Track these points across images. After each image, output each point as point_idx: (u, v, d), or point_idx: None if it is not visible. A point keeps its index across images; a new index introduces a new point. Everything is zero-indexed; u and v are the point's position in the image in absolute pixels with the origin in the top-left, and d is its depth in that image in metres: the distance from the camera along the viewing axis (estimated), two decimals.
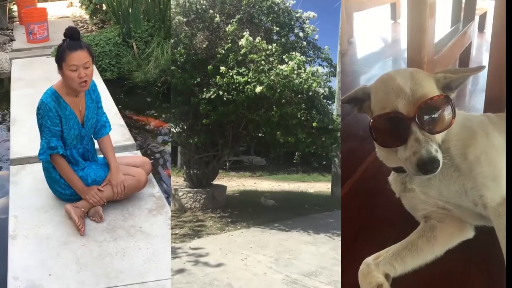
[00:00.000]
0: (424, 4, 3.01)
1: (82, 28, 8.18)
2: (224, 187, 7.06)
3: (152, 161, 4.08)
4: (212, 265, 3.93)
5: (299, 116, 5.29)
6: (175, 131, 5.82)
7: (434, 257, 1.94)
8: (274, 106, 5.21)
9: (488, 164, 1.95)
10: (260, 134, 6.32)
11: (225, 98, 5.16)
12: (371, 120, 1.99)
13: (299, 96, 5.30)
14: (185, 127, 5.90)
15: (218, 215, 5.92)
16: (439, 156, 1.88)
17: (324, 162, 13.47)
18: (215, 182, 6.76)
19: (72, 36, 3.18)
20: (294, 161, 14.09)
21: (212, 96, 5.18)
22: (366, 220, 2.22)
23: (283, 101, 5.20)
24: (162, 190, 3.71)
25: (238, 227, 5.45)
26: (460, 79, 2.04)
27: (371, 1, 6.52)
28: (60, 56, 3.15)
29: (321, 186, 10.48)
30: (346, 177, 2.61)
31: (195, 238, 4.82)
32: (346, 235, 2.15)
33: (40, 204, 3.43)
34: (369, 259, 1.89)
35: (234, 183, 10.49)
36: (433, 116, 1.93)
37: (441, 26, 3.12)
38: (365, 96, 2.14)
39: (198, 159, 6.05)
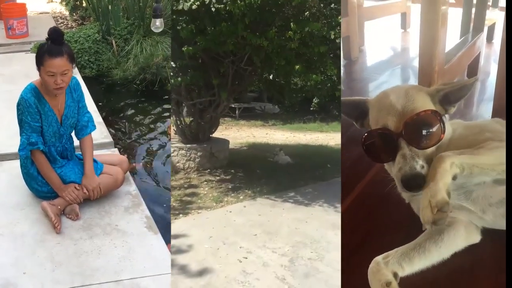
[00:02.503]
0: (437, 14, 3.08)
1: (62, 25, 8.14)
2: (226, 142, 6.16)
3: None
4: (191, 273, 3.29)
5: (331, 36, 3.96)
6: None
7: (441, 259, 1.98)
8: (291, 22, 3.74)
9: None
10: (270, 74, 5.06)
11: (213, 9, 3.58)
12: (363, 136, 2.06)
13: (332, 6, 3.96)
14: (173, 64, 4.75)
15: (217, 177, 5.24)
16: (426, 172, 1.93)
17: None
18: (217, 135, 5.91)
19: (55, 40, 3.14)
20: (311, 108, 13.38)
21: (194, 7, 3.56)
22: (366, 237, 2.22)
23: (307, 13, 3.75)
24: None
25: (241, 197, 4.80)
26: (455, 91, 2.08)
27: (382, 11, 6.69)
28: (40, 59, 3.13)
29: (299, 135, 9.76)
30: (347, 192, 2.54)
31: (180, 215, 4.22)
32: (345, 251, 2.15)
33: (16, 201, 3.42)
34: (378, 258, 1.92)
35: (243, 133, 9.69)
36: (420, 131, 1.98)
37: (451, 36, 3.17)
38: (365, 111, 2.21)
39: (190, 106, 5.10)
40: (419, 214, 2.06)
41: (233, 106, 12.83)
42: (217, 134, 6.17)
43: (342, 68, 5.47)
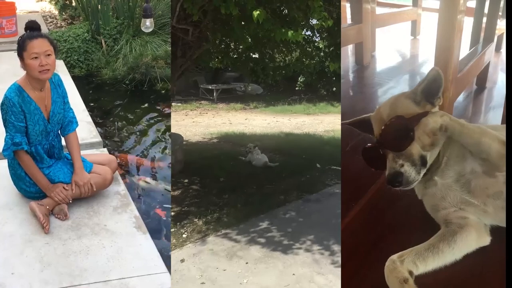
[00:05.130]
0: (453, 24, 3.12)
1: (51, 24, 8.10)
2: (179, 138, 5.21)
3: None
4: None
5: None
6: None
7: (453, 260, 2.04)
8: None
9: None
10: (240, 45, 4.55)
11: None
12: (362, 151, 2.31)
13: None
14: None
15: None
16: (406, 170, 2.13)
17: (334, 88, 11.41)
18: (188, 122, 5.60)
19: (32, 28, 3.19)
20: (297, 88, 12.50)
21: None
22: (366, 256, 2.23)
23: None
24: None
25: (184, 235, 3.67)
26: (429, 84, 2.21)
27: (394, 18, 6.86)
28: (21, 46, 3.14)
29: (331, 120, 8.64)
30: (346, 210, 2.53)
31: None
32: (345, 272, 2.17)
33: (4, 201, 3.41)
34: (394, 257, 1.98)
35: (219, 119, 8.66)
36: (392, 137, 2.17)
37: (461, 45, 3.26)
38: (371, 127, 2.39)
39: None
40: (431, 212, 2.28)
41: (210, 87, 12.41)
42: (188, 121, 5.68)
43: (351, 74, 5.55)
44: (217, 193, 4.56)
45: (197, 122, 7.99)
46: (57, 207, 3.28)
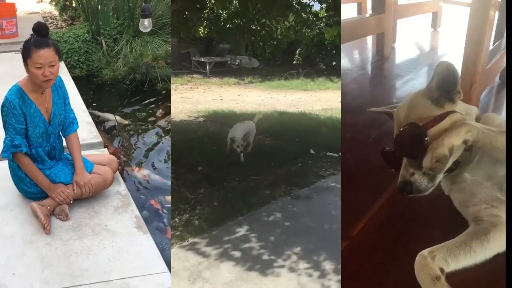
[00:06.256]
0: (485, 16, 3.13)
1: (51, 25, 8.11)
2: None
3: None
4: None
5: None
6: None
7: (484, 259, 2.00)
8: None
9: None
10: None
11: None
12: (381, 153, 2.33)
13: None
14: None
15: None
16: (416, 179, 2.07)
17: (334, 63, 10.72)
18: (177, 98, 4.95)
19: (40, 32, 3.16)
20: (295, 61, 11.39)
21: None
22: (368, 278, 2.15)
23: None
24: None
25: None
26: (443, 79, 2.14)
27: (415, 9, 6.82)
28: (26, 52, 3.13)
29: (330, 97, 7.94)
30: (346, 231, 2.38)
31: None
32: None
33: (5, 202, 3.41)
34: (424, 252, 1.94)
35: (210, 95, 7.99)
36: (406, 144, 2.12)
37: None
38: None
39: None
40: (459, 208, 2.22)
41: (203, 60, 11.45)
42: (176, 96, 5.09)
43: (371, 64, 5.54)
44: (191, 187, 3.89)
45: (186, 98, 7.26)
46: (58, 207, 3.28)
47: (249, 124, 4.71)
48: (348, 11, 6.78)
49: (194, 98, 7.39)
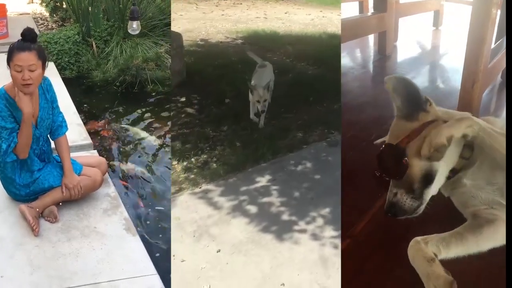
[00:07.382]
0: (487, 16, 3.14)
1: (42, 26, 8.08)
2: (178, 38, 4.15)
3: None
4: None
5: None
6: None
7: (478, 251, 2.02)
8: None
9: None
10: None
11: None
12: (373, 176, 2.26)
13: None
14: None
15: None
16: (398, 199, 2.07)
17: None
18: (215, 15, 4.27)
19: (26, 37, 3.15)
20: None
21: None
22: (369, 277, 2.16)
23: None
24: None
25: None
26: (402, 100, 2.18)
27: (417, 8, 6.83)
28: (9, 55, 3.13)
29: (331, 16, 6.93)
30: (346, 231, 2.35)
31: None
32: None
33: None
34: (418, 238, 1.99)
35: (253, 12, 6.91)
36: (384, 163, 2.14)
37: None
38: None
39: None
40: (459, 208, 2.23)
41: None
42: (217, 13, 4.15)
43: (372, 63, 5.54)
44: (214, 122, 3.49)
45: (227, 16, 6.45)
46: (47, 209, 3.28)
47: (270, 68, 4.11)
48: (349, 10, 6.81)
49: (235, 16, 6.58)
